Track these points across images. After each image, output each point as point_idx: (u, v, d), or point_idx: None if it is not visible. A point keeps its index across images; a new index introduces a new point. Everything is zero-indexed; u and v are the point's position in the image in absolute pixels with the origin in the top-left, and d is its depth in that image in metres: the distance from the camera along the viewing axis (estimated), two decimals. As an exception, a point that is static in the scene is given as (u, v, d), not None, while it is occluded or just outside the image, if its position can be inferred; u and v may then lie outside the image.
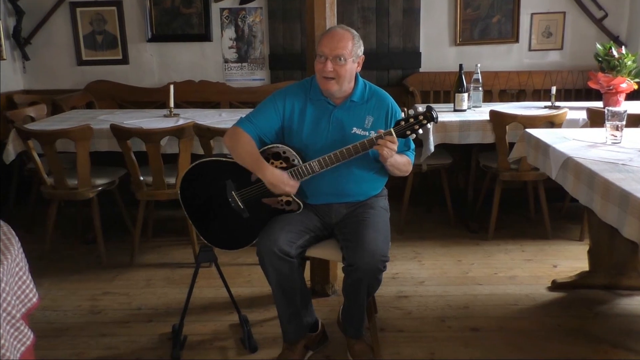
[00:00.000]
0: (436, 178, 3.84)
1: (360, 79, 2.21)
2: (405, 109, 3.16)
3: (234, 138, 2.15)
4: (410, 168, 2.27)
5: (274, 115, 2.18)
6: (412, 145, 2.26)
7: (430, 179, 4.04)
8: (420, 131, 2.06)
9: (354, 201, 2.24)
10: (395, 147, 2.04)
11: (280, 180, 2.08)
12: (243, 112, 3.20)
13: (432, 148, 3.20)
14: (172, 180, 3.10)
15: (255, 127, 2.15)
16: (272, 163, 2.15)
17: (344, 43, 2.07)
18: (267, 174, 2.09)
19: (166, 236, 3.60)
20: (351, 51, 2.08)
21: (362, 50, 2.15)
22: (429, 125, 2.06)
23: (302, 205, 2.21)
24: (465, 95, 3.46)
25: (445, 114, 3.38)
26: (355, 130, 2.15)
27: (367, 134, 2.14)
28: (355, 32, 2.13)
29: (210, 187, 2.25)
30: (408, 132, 2.05)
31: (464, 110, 3.47)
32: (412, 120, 2.04)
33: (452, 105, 3.55)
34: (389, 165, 2.14)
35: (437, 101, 4.16)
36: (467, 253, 3.28)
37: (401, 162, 2.18)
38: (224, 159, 2.23)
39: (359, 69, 2.16)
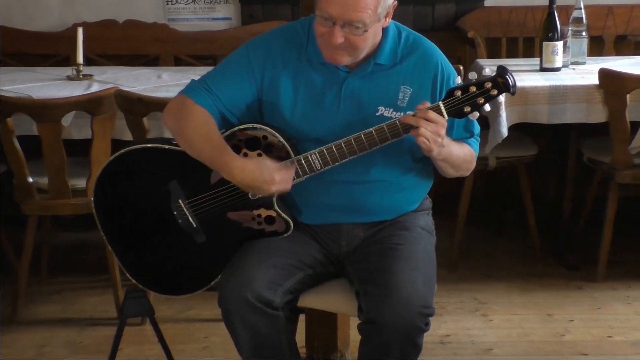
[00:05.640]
0: (511, 179, 3.84)
1: (391, 25, 2.19)
2: (462, 69, 3.17)
3: (181, 114, 2.16)
4: (473, 165, 2.27)
5: (246, 81, 2.18)
6: (477, 129, 2.27)
7: (502, 181, 4.04)
8: (487, 107, 2.06)
9: (377, 220, 2.25)
10: (440, 129, 2.04)
11: (262, 177, 2.06)
12: (196, 73, 3.20)
13: (504, 131, 3.21)
14: (81, 183, 3.11)
15: (215, 99, 2.16)
16: (245, 154, 2.16)
17: (363, 2, 2.00)
18: (235, 169, 2.07)
19: (71, 274, 3.60)
20: (376, 8, 2.04)
21: None
22: (501, 98, 2.07)
23: (291, 225, 2.22)
24: (560, 44, 3.46)
25: (526, 76, 3.37)
26: (382, 110, 2.16)
27: (401, 115, 2.13)
28: None
29: (144, 193, 2.26)
30: (467, 109, 2.05)
31: (558, 70, 3.47)
32: (473, 89, 2.04)
33: (537, 61, 3.55)
34: (440, 161, 2.15)
35: (512, 54, 4.15)
36: (563, 303, 3.29)
37: (458, 154, 2.19)
38: (166, 147, 2.24)
39: (389, 19, 2.15)
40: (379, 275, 2.08)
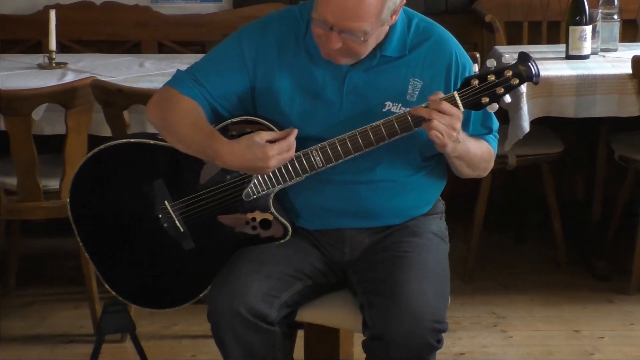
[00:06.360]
0: (533, 180, 3.84)
1: (400, 11, 2.18)
2: (479, 57, 3.16)
3: (166, 105, 2.16)
4: (491, 165, 2.27)
5: (237, 74, 2.18)
6: (495, 125, 2.27)
7: (523, 182, 4.04)
8: (508, 98, 2.06)
9: (383, 225, 2.25)
10: (455, 122, 2.03)
11: (254, 155, 2.03)
12: (182, 61, 3.19)
13: (526, 126, 3.20)
14: (53, 184, 3.11)
15: (203, 91, 2.17)
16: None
17: (365, 9, 1.99)
18: (225, 155, 2.06)
19: (43, 285, 3.60)
20: (379, 14, 2.03)
21: None
22: (522, 88, 2.06)
23: (289, 230, 2.22)
24: (588, 29, 3.46)
25: (550, 65, 3.37)
26: (389, 106, 2.16)
27: (411, 110, 2.15)
28: None
29: (125, 194, 2.26)
30: (485, 100, 2.05)
31: (586, 57, 3.48)
32: (492, 78, 2.04)
33: (563, 47, 3.56)
34: (455, 158, 2.15)
35: (535, 40, 4.17)
36: (592, 318, 3.29)
37: (475, 152, 2.19)
38: (150, 143, 2.24)
39: (396, 17, 2.12)
40: (385, 286, 2.07)
